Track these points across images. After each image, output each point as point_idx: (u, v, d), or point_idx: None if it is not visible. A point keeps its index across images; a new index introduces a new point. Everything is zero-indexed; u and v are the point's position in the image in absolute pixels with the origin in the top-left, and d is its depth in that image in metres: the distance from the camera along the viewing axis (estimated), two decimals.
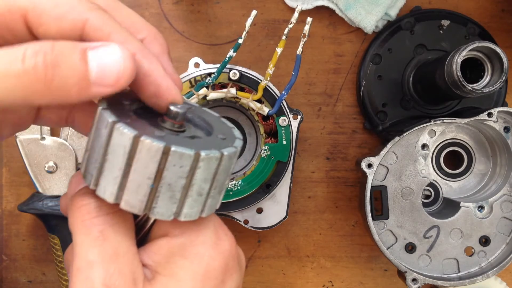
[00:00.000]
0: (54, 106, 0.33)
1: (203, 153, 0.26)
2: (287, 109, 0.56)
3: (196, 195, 0.28)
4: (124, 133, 0.26)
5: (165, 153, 0.26)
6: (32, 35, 0.28)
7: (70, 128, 0.59)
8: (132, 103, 0.30)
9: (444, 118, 0.56)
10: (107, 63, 0.25)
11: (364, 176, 0.56)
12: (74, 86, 0.24)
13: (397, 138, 0.56)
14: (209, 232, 0.31)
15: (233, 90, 0.54)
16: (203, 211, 0.29)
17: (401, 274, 0.57)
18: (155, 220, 0.31)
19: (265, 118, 0.56)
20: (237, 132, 0.31)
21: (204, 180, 0.28)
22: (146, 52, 0.29)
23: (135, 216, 0.31)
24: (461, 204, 0.58)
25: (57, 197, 0.58)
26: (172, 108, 0.28)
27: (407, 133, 0.56)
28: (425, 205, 0.59)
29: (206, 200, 0.29)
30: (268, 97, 0.55)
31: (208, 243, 0.30)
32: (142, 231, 0.31)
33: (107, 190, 0.27)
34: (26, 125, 0.34)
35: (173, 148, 0.26)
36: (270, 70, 0.53)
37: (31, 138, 0.58)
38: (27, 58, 0.24)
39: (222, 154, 0.27)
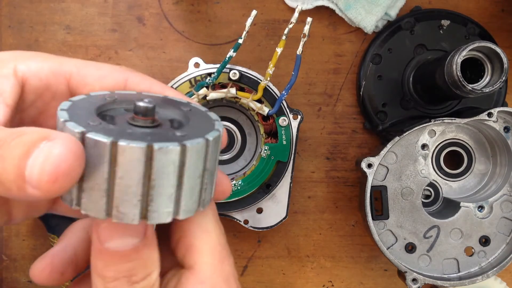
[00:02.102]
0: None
1: (188, 144, 0.25)
2: (287, 109, 0.56)
3: (190, 189, 0.26)
4: (98, 142, 0.24)
5: (148, 153, 0.24)
6: (72, 95, 0.30)
7: None
8: (98, 107, 0.29)
9: (444, 118, 0.56)
10: (37, 161, 0.22)
11: (364, 176, 0.56)
12: (13, 182, 0.23)
13: (397, 138, 0.56)
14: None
15: (233, 90, 0.54)
16: (200, 204, 0.27)
17: (401, 274, 0.57)
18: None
19: (265, 118, 0.56)
20: (218, 123, 0.30)
21: (194, 172, 0.26)
22: (186, 98, 0.32)
23: None
24: (461, 204, 0.58)
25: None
26: (139, 104, 0.27)
27: (407, 133, 0.56)
28: (425, 205, 0.59)
29: (201, 192, 0.27)
30: (268, 97, 0.55)
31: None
32: None
33: (94, 207, 0.25)
34: (41, 209, 0.33)
35: (156, 147, 0.24)
36: (270, 70, 0.53)
37: None
38: None
39: (207, 140, 0.26)
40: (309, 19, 0.51)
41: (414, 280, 0.56)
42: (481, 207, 0.59)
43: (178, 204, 0.26)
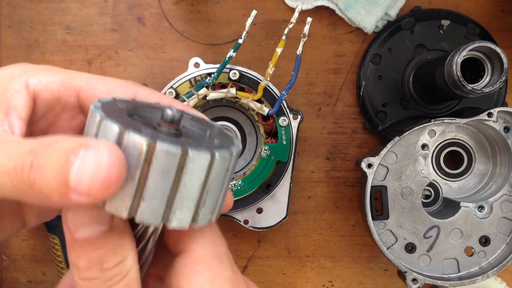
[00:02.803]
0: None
1: (191, 153, 0.25)
2: (287, 109, 0.56)
3: (183, 200, 0.26)
4: (109, 126, 0.25)
5: (151, 150, 0.24)
6: (81, 108, 0.32)
7: None
8: (130, 105, 0.29)
9: (444, 118, 0.56)
10: (85, 168, 0.23)
11: (364, 176, 0.56)
12: (54, 191, 0.23)
13: (397, 138, 0.56)
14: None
15: (233, 90, 0.54)
16: (195, 219, 0.27)
17: (401, 274, 0.57)
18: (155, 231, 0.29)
19: (265, 118, 0.56)
20: (236, 141, 0.30)
21: (193, 184, 0.26)
22: (193, 110, 0.32)
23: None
24: (461, 204, 0.58)
25: None
26: (167, 110, 0.28)
27: (407, 133, 0.56)
28: (425, 205, 0.59)
29: (198, 207, 0.27)
30: (268, 97, 0.55)
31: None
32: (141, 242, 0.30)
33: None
34: (52, 213, 0.34)
35: (159, 146, 0.24)
36: (270, 70, 0.53)
37: None
38: (21, 156, 0.24)
39: (213, 156, 0.26)
40: (309, 19, 0.51)
41: (414, 280, 0.56)
42: (481, 207, 0.59)
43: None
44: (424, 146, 0.58)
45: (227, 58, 0.53)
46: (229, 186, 0.33)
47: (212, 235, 0.30)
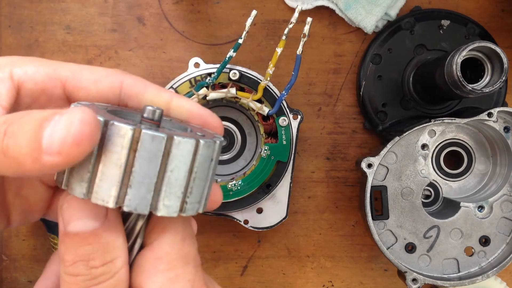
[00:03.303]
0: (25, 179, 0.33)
1: (176, 138, 0.26)
2: (287, 109, 0.56)
3: (171, 186, 0.26)
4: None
5: (135, 137, 0.25)
6: (68, 99, 0.31)
7: None
8: (110, 108, 0.30)
9: (444, 118, 0.56)
10: (56, 129, 0.23)
11: (364, 176, 0.56)
12: (27, 156, 0.24)
13: (397, 138, 0.56)
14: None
15: (233, 90, 0.54)
16: (183, 208, 0.27)
17: (401, 274, 0.57)
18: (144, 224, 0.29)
19: (265, 118, 0.56)
20: (218, 135, 0.31)
21: (179, 170, 0.26)
22: (178, 95, 0.33)
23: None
24: (461, 204, 0.58)
25: None
26: (148, 107, 0.28)
27: (407, 133, 0.56)
28: (425, 205, 0.59)
29: (185, 194, 0.27)
30: (268, 97, 0.55)
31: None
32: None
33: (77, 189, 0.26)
34: (37, 213, 0.34)
35: (144, 131, 0.25)
36: (270, 70, 0.53)
37: None
38: None
39: (197, 141, 0.26)
40: (309, 19, 0.51)
41: (414, 280, 0.56)
42: (481, 207, 0.59)
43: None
44: (424, 146, 0.58)
45: (227, 58, 0.53)
46: (220, 183, 0.33)
47: (183, 233, 0.29)
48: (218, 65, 0.54)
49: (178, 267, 0.28)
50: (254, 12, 0.51)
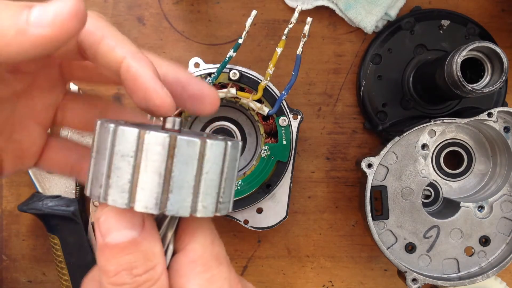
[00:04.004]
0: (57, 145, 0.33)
1: (209, 141, 0.27)
2: (287, 109, 0.56)
3: (207, 187, 0.28)
4: (128, 131, 0.26)
5: (172, 143, 0.26)
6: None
7: (70, 128, 0.59)
8: (128, 122, 0.30)
9: (444, 118, 0.56)
10: (49, 7, 0.24)
11: (364, 176, 0.56)
12: (10, 27, 0.23)
13: (397, 138, 0.56)
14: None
15: (233, 90, 0.54)
16: (217, 207, 0.29)
17: (401, 274, 0.57)
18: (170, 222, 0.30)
19: (265, 118, 0.56)
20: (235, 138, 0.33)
21: (213, 171, 0.28)
22: (139, 56, 0.28)
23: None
24: (461, 204, 0.58)
25: (57, 197, 0.58)
26: (168, 118, 0.29)
27: (407, 133, 0.56)
28: (425, 205, 0.59)
29: (219, 194, 0.29)
30: (268, 97, 0.55)
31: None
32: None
33: (118, 197, 0.26)
34: (29, 160, 0.33)
35: (179, 137, 0.26)
36: (270, 70, 0.53)
37: None
38: None
39: (226, 143, 0.28)
40: (309, 19, 0.51)
41: (414, 280, 0.56)
42: (481, 207, 0.59)
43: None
44: (424, 146, 0.58)
45: (227, 58, 0.53)
46: None
47: (212, 235, 0.30)
48: (218, 65, 0.54)
49: (213, 267, 0.29)
50: (254, 12, 0.51)
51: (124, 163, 0.26)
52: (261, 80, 0.55)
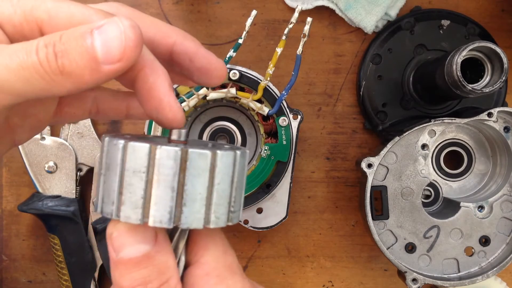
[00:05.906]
0: (75, 95, 0.33)
1: (219, 152, 0.27)
2: (287, 109, 0.56)
3: (220, 198, 0.28)
4: (138, 147, 0.26)
5: (183, 156, 0.26)
6: None
7: (70, 128, 0.59)
8: (133, 136, 0.30)
9: (444, 118, 0.56)
10: (110, 38, 0.24)
11: (364, 176, 0.56)
12: (85, 69, 0.24)
13: (397, 138, 0.56)
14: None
15: (233, 90, 0.54)
16: (229, 217, 0.29)
17: (401, 274, 0.57)
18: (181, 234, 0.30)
19: (265, 118, 0.56)
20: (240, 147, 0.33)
21: (225, 181, 0.28)
22: (156, 65, 0.28)
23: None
24: (461, 204, 0.58)
25: (57, 197, 0.58)
26: (174, 130, 0.29)
27: (407, 133, 0.56)
28: (425, 205, 0.59)
29: (230, 204, 0.29)
30: (268, 97, 0.55)
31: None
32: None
33: (131, 212, 0.26)
34: (43, 126, 0.33)
35: (190, 150, 0.26)
36: (270, 70, 0.53)
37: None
38: (39, 49, 0.25)
39: (235, 153, 0.28)
40: (309, 19, 0.51)
41: (414, 280, 0.56)
42: (481, 207, 0.59)
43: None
44: (424, 146, 0.58)
45: (227, 58, 0.53)
46: None
47: (223, 246, 0.30)
48: None
49: (228, 278, 0.29)
50: (254, 12, 0.51)
51: (136, 179, 0.26)
52: (261, 80, 0.55)
